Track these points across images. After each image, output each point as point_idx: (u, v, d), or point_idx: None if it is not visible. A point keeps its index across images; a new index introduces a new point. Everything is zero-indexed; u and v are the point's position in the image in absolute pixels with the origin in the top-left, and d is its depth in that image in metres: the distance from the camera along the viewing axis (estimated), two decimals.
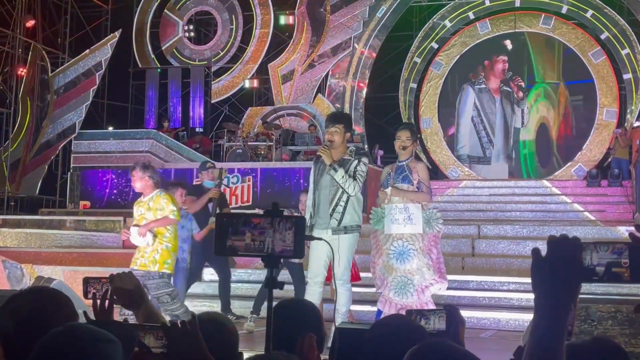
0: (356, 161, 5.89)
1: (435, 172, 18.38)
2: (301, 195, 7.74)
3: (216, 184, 8.20)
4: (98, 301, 2.39)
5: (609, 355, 1.83)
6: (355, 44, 18.17)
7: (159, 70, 19.34)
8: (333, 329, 5.42)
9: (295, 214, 7.07)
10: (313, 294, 5.86)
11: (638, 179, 12.12)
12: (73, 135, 15.52)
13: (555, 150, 17.88)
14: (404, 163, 6.19)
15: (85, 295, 2.43)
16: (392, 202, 6.09)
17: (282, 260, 1.98)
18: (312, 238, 2.01)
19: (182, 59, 19.25)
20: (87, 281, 2.47)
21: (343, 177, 5.76)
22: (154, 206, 6.33)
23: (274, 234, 1.82)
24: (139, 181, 6.41)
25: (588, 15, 18.09)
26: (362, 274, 7.49)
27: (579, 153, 17.10)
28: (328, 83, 18.39)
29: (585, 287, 8.07)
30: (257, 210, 9.45)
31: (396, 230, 6.02)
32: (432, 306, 5.97)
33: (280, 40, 18.85)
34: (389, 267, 6.03)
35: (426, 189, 6.12)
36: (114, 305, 2.41)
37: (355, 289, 7.19)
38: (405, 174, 6.13)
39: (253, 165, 13.95)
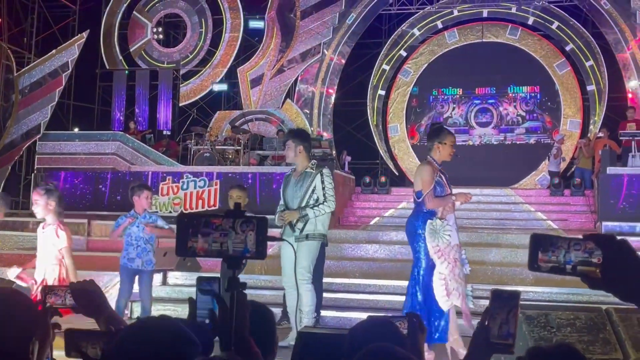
0: (319, 176, 6.18)
1: (403, 179, 18.53)
2: (231, 190, 7.41)
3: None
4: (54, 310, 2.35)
5: None
6: (325, 50, 18.25)
7: (126, 72, 19.19)
8: (295, 329, 5.46)
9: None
10: (291, 297, 6.08)
11: (600, 189, 12.34)
12: (38, 136, 15.30)
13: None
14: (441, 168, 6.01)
15: (43, 305, 2.37)
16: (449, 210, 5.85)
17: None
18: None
19: (151, 61, 19.12)
20: (45, 290, 2.40)
21: (313, 213, 6.14)
22: None
23: (235, 235, 1.82)
24: None
25: (554, 26, 18.41)
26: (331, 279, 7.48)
27: (543, 162, 17.35)
28: (297, 88, 18.42)
29: (546, 294, 8.21)
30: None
31: (459, 239, 5.91)
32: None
33: (249, 45, 18.84)
34: (460, 279, 5.77)
35: None
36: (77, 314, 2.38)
37: (325, 295, 7.23)
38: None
39: (220, 169, 13.90)
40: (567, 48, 18.36)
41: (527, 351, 1.91)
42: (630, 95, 17.05)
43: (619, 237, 1.49)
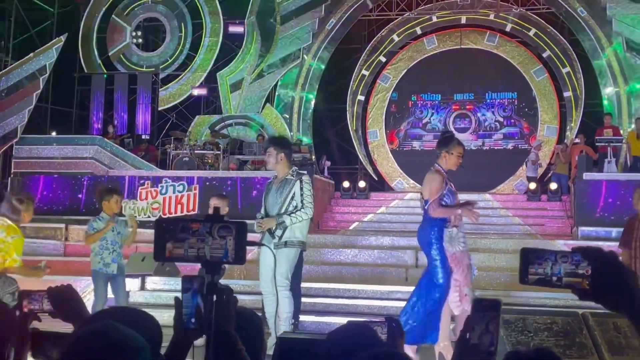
0: (298, 182, 6.24)
1: (382, 184, 18.59)
2: (211, 199, 7.49)
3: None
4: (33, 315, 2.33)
5: None
6: (305, 55, 18.27)
7: (105, 75, 19.07)
8: (274, 335, 5.46)
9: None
10: (269, 303, 6.09)
11: (576, 194, 12.46)
12: (14, 140, 15.13)
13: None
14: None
15: (20, 310, 2.35)
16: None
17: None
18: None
19: (130, 65, 19.02)
20: (23, 294, 2.39)
21: (290, 220, 6.15)
22: None
23: (214, 240, 1.81)
24: None
25: (531, 33, 18.61)
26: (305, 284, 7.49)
27: (520, 168, 17.50)
28: (277, 93, 18.42)
29: (524, 299, 8.27)
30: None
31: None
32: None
33: (229, 49, 18.81)
34: (471, 283, 5.86)
35: None
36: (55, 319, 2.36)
37: (304, 300, 7.24)
38: None
39: (200, 173, 13.86)
40: (544, 55, 18.55)
41: (505, 355, 1.93)
42: (606, 102, 17.26)
43: (606, 250, 1.55)
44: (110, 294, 7.24)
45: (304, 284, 8.52)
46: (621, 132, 15.29)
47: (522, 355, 1.91)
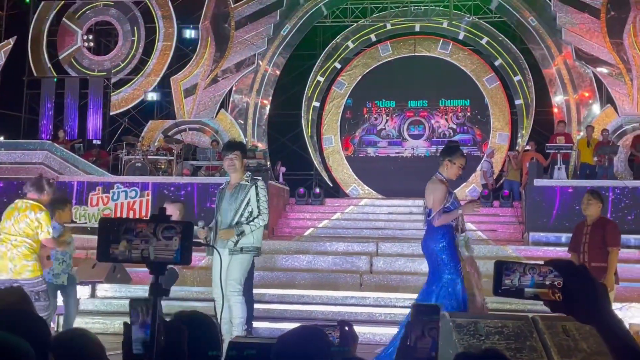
0: (254, 188, 6.20)
1: (337, 190, 18.63)
2: (165, 204, 7.40)
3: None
4: None
5: None
6: (260, 61, 18.21)
7: (55, 79, 18.72)
8: (227, 341, 5.41)
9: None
10: (221, 308, 6.03)
11: (527, 200, 12.67)
12: None
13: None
14: None
15: None
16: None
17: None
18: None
19: (81, 69, 18.70)
20: None
21: (250, 228, 6.11)
22: None
23: (159, 241, 1.78)
24: None
25: (483, 42, 18.90)
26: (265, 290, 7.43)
27: (473, 174, 17.73)
28: (231, 99, 18.32)
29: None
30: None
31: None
32: None
33: (183, 54, 18.65)
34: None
35: None
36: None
37: (258, 306, 7.19)
38: None
39: (153, 179, 13.67)
40: (496, 63, 18.86)
41: (455, 356, 1.94)
42: (556, 110, 17.60)
43: (577, 264, 1.60)
44: (60, 302, 7.10)
45: (258, 290, 8.47)
46: (573, 139, 15.61)
47: (472, 356, 1.93)
